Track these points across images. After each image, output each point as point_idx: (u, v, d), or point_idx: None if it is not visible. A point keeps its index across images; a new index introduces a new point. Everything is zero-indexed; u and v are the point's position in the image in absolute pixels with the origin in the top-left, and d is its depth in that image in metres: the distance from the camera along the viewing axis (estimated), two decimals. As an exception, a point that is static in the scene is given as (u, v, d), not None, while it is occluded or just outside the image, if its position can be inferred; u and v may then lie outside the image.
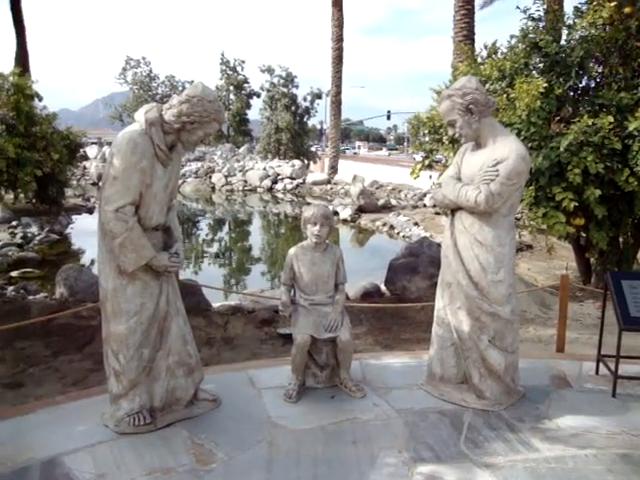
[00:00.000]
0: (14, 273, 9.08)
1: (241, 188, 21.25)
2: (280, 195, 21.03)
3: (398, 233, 12.42)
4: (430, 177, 7.06)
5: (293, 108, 27.26)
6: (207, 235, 15.07)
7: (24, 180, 11.33)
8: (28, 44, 16.39)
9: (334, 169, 23.67)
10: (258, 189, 21.24)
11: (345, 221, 14.58)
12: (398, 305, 5.27)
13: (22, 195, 12.12)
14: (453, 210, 3.70)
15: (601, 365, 4.19)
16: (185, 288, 5.47)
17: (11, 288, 7.38)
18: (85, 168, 23.41)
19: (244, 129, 30.82)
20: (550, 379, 4.15)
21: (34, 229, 11.77)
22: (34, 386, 4.16)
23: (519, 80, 5.83)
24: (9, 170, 10.85)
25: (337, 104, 22.53)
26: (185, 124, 3.22)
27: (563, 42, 6.08)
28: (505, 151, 3.43)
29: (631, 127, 5.38)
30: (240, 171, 21.83)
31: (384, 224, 13.28)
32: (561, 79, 5.90)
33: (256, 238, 14.79)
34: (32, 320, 4.27)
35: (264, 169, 21.84)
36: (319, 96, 28.88)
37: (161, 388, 3.50)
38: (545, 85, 5.71)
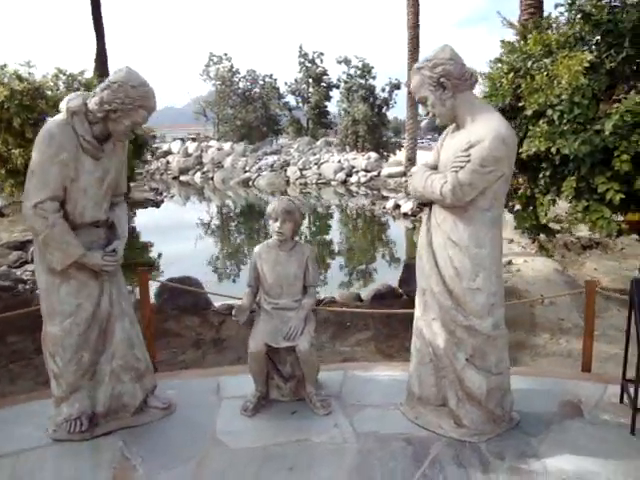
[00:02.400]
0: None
1: (314, 181, 21.08)
2: (354, 188, 20.57)
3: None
4: None
5: (371, 99, 26.52)
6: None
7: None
8: (111, 45, 17.20)
9: (411, 161, 22.83)
10: (332, 182, 20.93)
11: (406, 215, 13.88)
12: (407, 311, 4.71)
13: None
14: (432, 203, 3.14)
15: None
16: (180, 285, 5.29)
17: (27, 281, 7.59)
18: (168, 163, 24.39)
19: (324, 121, 30.51)
20: (559, 405, 3.45)
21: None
22: (8, 383, 4.13)
23: (561, 55, 5.01)
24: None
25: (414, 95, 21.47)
26: (109, 112, 2.95)
27: (617, 4, 5.14)
28: (481, 132, 2.82)
29: (694, 103, 4.43)
30: (315, 164, 21.64)
31: None
32: (612, 51, 5.01)
33: (329, 234, 14.51)
34: (17, 312, 4.24)
35: (339, 162, 21.48)
36: (398, 87, 27.85)
37: (104, 393, 3.29)
38: (591, 59, 4.87)
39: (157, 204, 15.62)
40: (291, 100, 27.63)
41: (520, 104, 5.43)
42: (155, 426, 3.34)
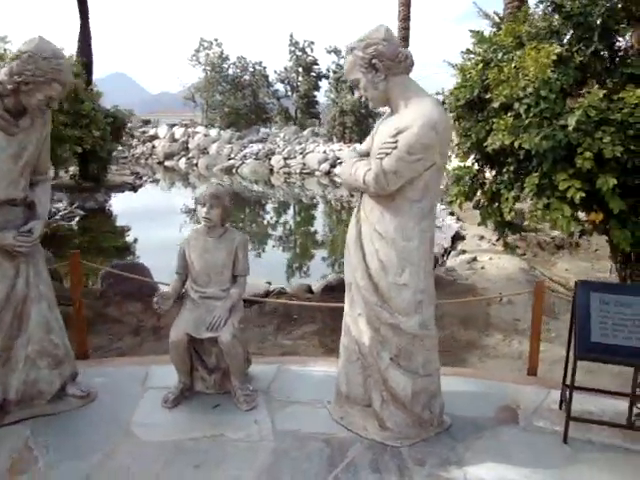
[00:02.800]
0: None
1: (298, 171, 20.86)
2: (338, 179, 20.41)
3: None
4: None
5: (360, 91, 26.01)
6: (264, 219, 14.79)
7: (63, 157, 11.57)
8: (100, 29, 16.81)
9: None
10: (316, 172, 20.71)
11: None
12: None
13: (64, 172, 12.38)
14: (363, 192, 2.96)
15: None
16: (127, 270, 5.09)
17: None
18: (154, 147, 24.09)
19: (312, 111, 30.16)
20: (496, 410, 3.29)
21: (62, 205, 11.97)
22: None
23: (528, 47, 4.83)
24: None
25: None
26: (19, 84, 2.76)
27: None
28: (411, 118, 2.64)
29: (660, 101, 4.26)
30: (300, 154, 21.39)
31: None
32: (582, 44, 4.82)
33: (303, 225, 14.31)
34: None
35: (324, 152, 21.26)
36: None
37: (18, 379, 3.13)
38: (560, 52, 4.68)
39: (134, 188, 15.33)
40: (280, 88, 27.32)
41: (487, 96, 5.25)
42: (70, 415, 3.19)
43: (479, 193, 5.84)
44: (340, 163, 20.94)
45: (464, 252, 7.28)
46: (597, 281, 3.39)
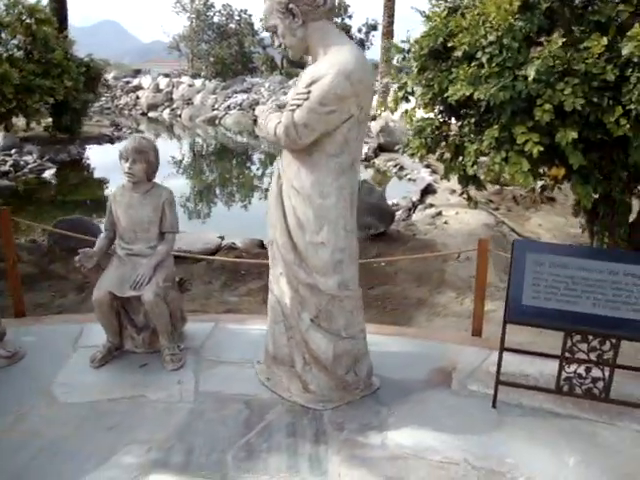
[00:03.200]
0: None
1: (283, 122, 20.44)
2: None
3: (406, 175, 11.08)
4: (406, 112, 5.92)
5: (347, 40, 25.20)
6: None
7: (33, 107, 11.18)
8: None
9: (383, 105, 22.06)
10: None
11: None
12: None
13: (35, 123, 12.00)
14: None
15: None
16: (75, 226, 4.93)
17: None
18: (138, 98, 23.47)
19: (299, 61, 29.08)
20: (430, 373, 3.21)
21: (31, 157, 11.63)
22: None
23: (490, -9, 4.52)
24: (18, 97, 10.71)
25: (389, 36, 20.64)
26: None
27: None
28: (326, 66, 2.44)
29: (625, 51, 3.99)
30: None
31: (396, 165, 11.93)
32: (549, -12, 4.52)
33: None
34: None
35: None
36: (375, 28, 26.52)
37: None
38: (524, -4, 4.39)
39: (112, 140, 14.91)
40: (266, 37, 26.32)
41: (451, 45, 4.98)
42: (-9, 375, 3.08)
43: (443, 146, 5.64)
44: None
45: (431, 206, 7.11)
46: (535, 240, 3.26)
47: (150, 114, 22.39)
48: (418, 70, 5.47)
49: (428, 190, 7.97)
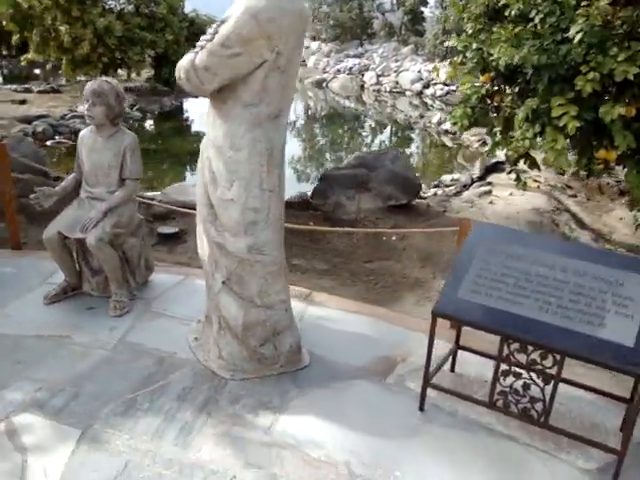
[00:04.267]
0: (48, 142, 9.47)
1: (389, 89, 19.63)
2: (429, 101, 18.83)
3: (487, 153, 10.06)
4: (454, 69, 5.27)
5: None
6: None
7: (134, 59, 11.77)
8: None
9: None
10: (407, 92, 19.37)
11: (446, 132, 12.29)
12: (300, 227, 4.09)
13: (136, 74, 12.62)
14: None
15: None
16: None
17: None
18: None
19: (418, 28, 27.54)
20: (372, 360, 2.87)
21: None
22: None
23: None
24: (121, 48, 11.34)
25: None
26: None
27: None
28: (237, 6, 2.18)
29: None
30: (395, 71, 19.99)
31: (479, 140, 10.63)
32: None
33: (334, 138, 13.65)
34: None
35: (418, 72, 19.69)
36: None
37: None
38: None
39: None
40: (386, 2, 25.20)
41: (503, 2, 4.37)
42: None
43: (494, 117, 5.02)
44: (434, 84, 19.34)
45: (489, 184, 6.40)
46: (495, 225, 2.71)
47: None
48: (473, 32, 4.87)
49: (497, 167, 7.23)
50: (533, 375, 2.22)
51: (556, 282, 2.25)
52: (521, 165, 4.99)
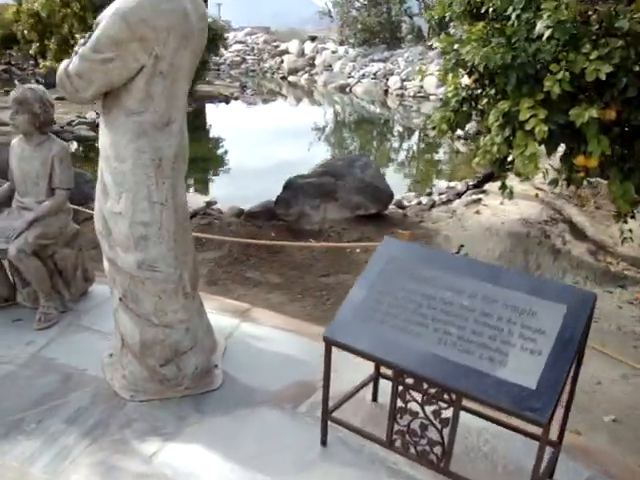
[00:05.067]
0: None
1: (413, 94, 19.27)
2: (453, 105, 18.48)
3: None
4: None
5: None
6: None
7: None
8: None
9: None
10: (431, 97, 18.95)
11: (459, 137, 11.96)
12: (255, 242, 3.91)
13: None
14: None
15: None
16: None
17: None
18: (282, 62, 23.92)
19: (446, 32, 26.84)
20: (289, 385, 2.66)
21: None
22: None
23: None
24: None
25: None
26: None
27: None
28: (109, 8, 2.05)
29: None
30: (420, 76, 19.67)
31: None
32: None
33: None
34: None
35: (445, 76, 19.26)
36: None
37: None
38: None
39: (227, 101, 15.33)
40: (414, 6, 24.68)
41: (480, -2, 4.11)
42: None
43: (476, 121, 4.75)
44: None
45: (483, 192, 6.07)
46: (406, 242, 2.46)
47: (290, 78, 22.74)
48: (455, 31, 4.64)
49: (494, 175, 6.87)
50: (430, 416, 1.99)
51: (461, 310, 2.02)
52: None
